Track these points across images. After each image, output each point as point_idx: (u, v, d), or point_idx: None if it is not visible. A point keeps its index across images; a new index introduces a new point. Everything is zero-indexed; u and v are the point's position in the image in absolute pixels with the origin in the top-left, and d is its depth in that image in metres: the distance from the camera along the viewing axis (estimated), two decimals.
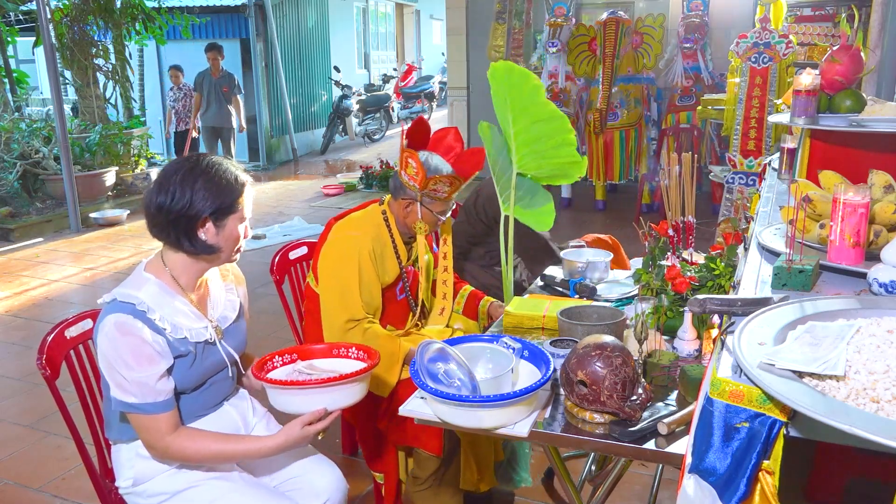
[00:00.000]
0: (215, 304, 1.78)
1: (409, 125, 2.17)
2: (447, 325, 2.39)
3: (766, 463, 0.93)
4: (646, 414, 1.49)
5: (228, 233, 1.65)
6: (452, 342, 1.67)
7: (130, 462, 1.70)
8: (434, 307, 2.41)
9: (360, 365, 1.76)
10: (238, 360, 1.81)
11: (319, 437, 1.69)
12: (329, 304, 2.16)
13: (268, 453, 1.66)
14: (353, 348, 1.84)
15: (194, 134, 8.44)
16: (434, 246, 2.45)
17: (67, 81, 8.08)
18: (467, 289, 2.55)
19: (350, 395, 1.68)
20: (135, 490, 1.71)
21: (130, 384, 1.56)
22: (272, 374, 1.76)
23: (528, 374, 1.64)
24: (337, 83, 11.70)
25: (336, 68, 12.05)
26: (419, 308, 2.34)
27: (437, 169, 2.13)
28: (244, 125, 8.70)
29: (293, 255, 2.69)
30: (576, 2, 7.76)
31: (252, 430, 1.86)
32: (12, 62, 9.19)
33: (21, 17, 8.62)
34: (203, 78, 8.19)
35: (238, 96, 8.35)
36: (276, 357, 1.81)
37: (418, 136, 2.17)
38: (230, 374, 1.79)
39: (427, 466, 2.18)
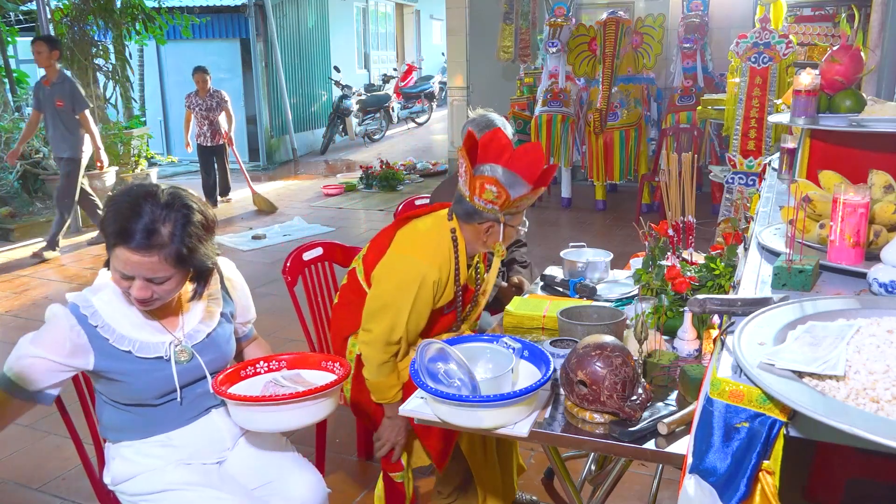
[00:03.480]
0: (190, 318, 1.70)
1: (463, 145, 1.96)
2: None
3: (766, 463, 0.93)
4: (646, 414, 1.49)
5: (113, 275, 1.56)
6: (452, 342, 1.67)
7: (111, 462, 1.71)
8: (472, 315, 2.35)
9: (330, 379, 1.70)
10: (207, 376, 1.71)
11: None
12: (375, 317, 2.06)
13: None
14: (338, 363, 1.77)
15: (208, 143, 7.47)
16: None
17: None
18: None
19: (296, 417, 1.61)
20: (116, 488, 1.72)
21: (16, 355, 1.53)
22: (252, 381, 1.72)
23: (528, 374, 1.64)
24: (337, 83, 11.70)
25: (336, 68, 12.05)
26: (462, 320, 2.31)
27: (517, 188, 1.95)
28: (102, 159, 6.04)
29: (307, 255, 2.60)
30: (576, 2, 7.76)
31: (237, 440, 1.81)
32: (12, 62, 9.18)
33: (21, 17, 8.62)
34: (38, 88, 5.83)
35: (85, 112, 5.76)
36: (261, 362, 1.76)
37: (472, 152, 1.98)
38: (208, 387, 1.72)
39: (450, 481, 2.19)
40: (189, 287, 1.68)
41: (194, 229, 1.52)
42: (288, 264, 2.54)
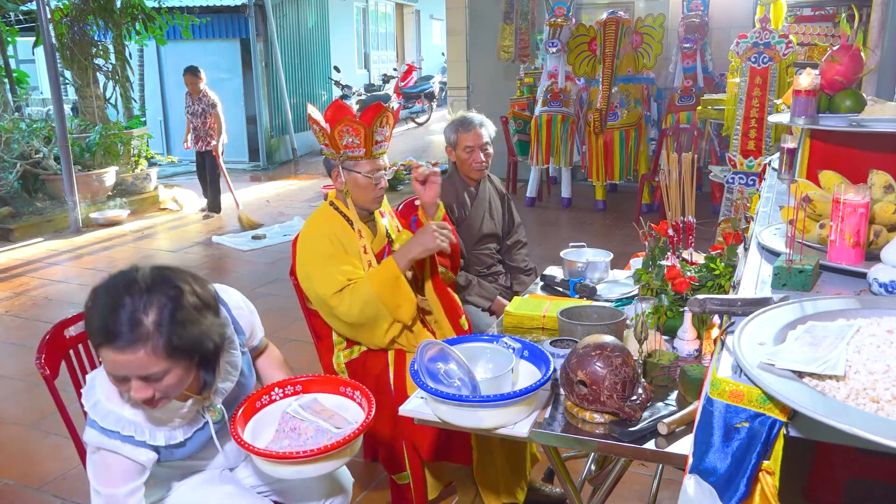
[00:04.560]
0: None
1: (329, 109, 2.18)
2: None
3: (766, 463, 0.93)
4: (646, 414, 1.49)
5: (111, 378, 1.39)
6: (452, 342, 1.67)
7: None
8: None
9: (360, 416, 1.64)
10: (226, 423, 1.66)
11: None
12: (313, 296, 2.18)
13: None
14: (358, 392, 1.71)
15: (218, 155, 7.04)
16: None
17: (67, 81, 8.08)
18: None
19: (320, 468, 1.55)
20: None
21: (101, 498, 1.48)
22: (268, 409, 1.67)
23: (528, 374, 1.64)
24: (337, 83, 11.71)
25: (336, 68, 12.05)
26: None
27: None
28: None
29: None
30: (576, 2, 7.76)
31: (240, 463, 1.80)
32: (12, 62, 9.19)
33: (21, 17, 8.61)
34: None
35: None
36: (276, 389, 1.71)
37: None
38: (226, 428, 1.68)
39: (467, 491, 2.19)
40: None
41: (184, 314, 1.33)
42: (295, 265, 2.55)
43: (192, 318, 1.34)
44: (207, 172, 7.22)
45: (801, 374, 0.95)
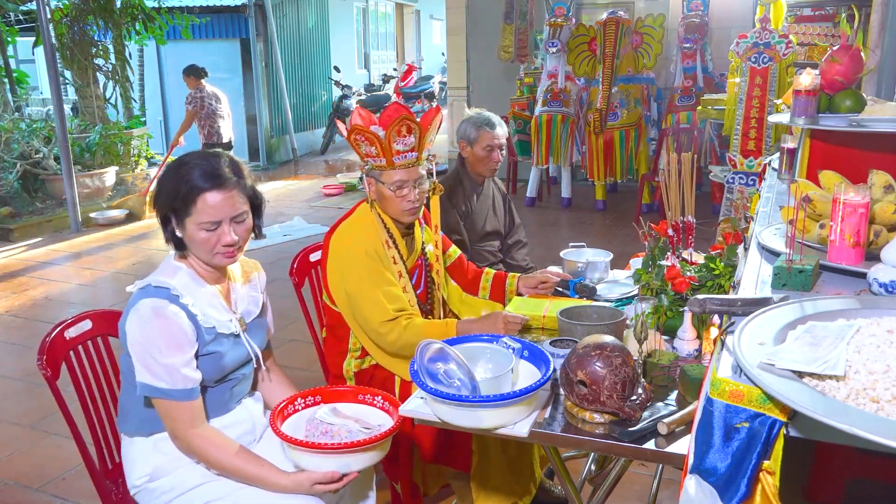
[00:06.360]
0: (240, 299, 1.79)
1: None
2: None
3: (766, 463, 0.93)
4: (646, 414, 1.49)
5: (190, 236, 1.62)
6: (452, 342, 1.67)
7: (146, 456, 1.69)
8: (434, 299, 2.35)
9: (384, 418, 1.72)
10: (260, 357, 1.82)
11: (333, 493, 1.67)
12: (358, 317, 2.12)
13: (274, 490, 1.64)
14: (380, 397, 1.78)
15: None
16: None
17: (67, 81, 8.08)
18: (489, 272, 2.46)
19: (365, 459, 1.63)
20: (147, 486, 1.69)
21: (161, 368, 1.58)
22: (292, 419, 1.72)
23: (528, 374, 1.64)
24: (337, 83, 11.70)
25: (336, 68, 12.05)
26: (433, 307, 2.31)
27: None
28: None
29: (314, 257, 2.59)
30: (576, 2, 7.76)
31: (261, 436, 1.84)
32: (12, 62, 9.19)
33: (21, 17, 8.62)
34: None
35: None
36: (299, 399, 1.77)
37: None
38: (250, 372, 1.80)
39: (464, 495, 2.19)
40: (232, 269, 1.80)
41: (242, 169, 1.69)
42: (295, 265, 2.54)
43: (246, 174, 1.70)
44: None
45: (801, 374, 0.95)
